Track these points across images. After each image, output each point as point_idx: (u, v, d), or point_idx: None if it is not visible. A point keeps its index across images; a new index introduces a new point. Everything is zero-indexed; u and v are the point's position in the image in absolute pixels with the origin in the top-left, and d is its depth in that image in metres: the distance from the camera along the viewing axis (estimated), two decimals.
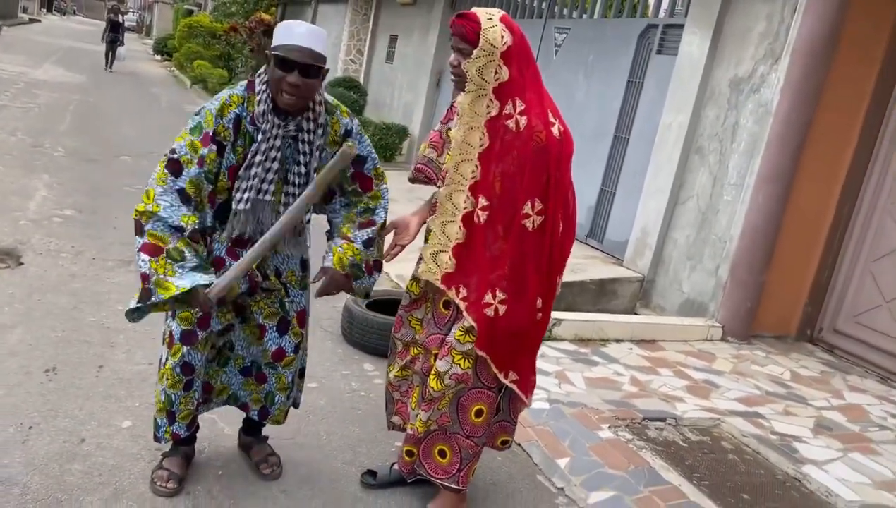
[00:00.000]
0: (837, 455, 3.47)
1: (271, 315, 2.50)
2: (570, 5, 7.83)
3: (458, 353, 2.34)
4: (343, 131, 2.42)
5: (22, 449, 2.55)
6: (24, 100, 10.70)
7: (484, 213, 2.26)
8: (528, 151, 2.23)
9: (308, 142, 2.32)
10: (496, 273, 2.27)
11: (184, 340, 2.36)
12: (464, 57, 2.24)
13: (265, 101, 2.24)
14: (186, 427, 2.49)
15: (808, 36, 4.59)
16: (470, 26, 2.20)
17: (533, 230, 2.26)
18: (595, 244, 6.52)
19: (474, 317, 2.28)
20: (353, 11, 14.09)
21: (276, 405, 2.63)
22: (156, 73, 20.86)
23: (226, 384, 2.62)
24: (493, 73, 2.21)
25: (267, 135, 2.25)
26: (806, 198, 4.97)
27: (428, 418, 2.42)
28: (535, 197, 2.24)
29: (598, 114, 6.71)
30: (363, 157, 2.45)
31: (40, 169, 6.72)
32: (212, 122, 2.23)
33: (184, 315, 2.34)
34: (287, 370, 2.58)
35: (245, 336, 2.53)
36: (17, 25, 30.97)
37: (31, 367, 3.13)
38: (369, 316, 3.98)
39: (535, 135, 2.22)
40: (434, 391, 2.38)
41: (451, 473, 2.48)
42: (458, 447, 2.46)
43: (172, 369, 2.38)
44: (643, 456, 3.15)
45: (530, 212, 2.25)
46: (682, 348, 4.72)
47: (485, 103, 2.23)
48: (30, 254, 4.49)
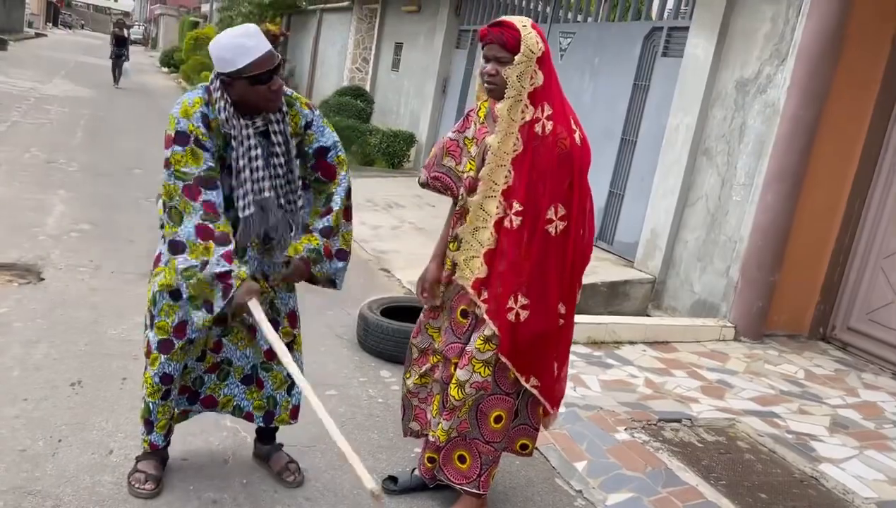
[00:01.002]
0: (853, 452, 3.49)
1: None
2: (573, 9, 7.88)
3: (479, 362, 2.38)
4: (304, 123, 2.46)
5: (53, 462, 2.61)
6: (36, 116, 10.83)
7: (518, 218, 2.31)
8: (553, 157, 2.28)
9: (279, 132, 2.37)
10: (520, 278, 2.32)
11: (161, 349, 2.44)
12: (501, 65, 2.26)
13: (225, 109, 2.28)
14: (164, 437, 2.57)
15: (814, 36, 4.62)
16: (510, 33, 2.25)
17: (556, 235, 2.31)
18: (605, 246, 6.55)
19: (497, 323, 2.33)
20: (359, 20, 14.19)
21: (278, 404, 2.69)
22: (163, 85, 21.03)
23: (229, 396, 2.69)
24: (530, 78, 2.26)
25: (240, 138, 2.30)
26: (815, 196, 5.00)
27: (449, 426, 2.46)
28: (559, 202, 2.29)
29: (604, 116, 6.75)
30: (326, 147, 2.50)
31: (56, 184, 6.82)
32: (174, 126, 2.26)
33: (161, 324, 2.42)
34: (281, 367, 2.62)
35: (235, 343, 2.60)
36: (23, 40, 31.27)
37: (57, 381, 3.20)
38: (384, 324, 4.03)
39: (560, 142, 2.28)
40: (455, 400, 2.42)
41: (472, 478, 2.53)
42: (478, 452, 2.51)
43: (151, 377, 2.47)
44: (660, 457, 3.18)
45: (553, 217, 2.30)
46: (695, 349, 4.74)
47: (520, 109, 2.28)
48: (50, 269, 4.57)
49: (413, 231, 7.01)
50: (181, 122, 2.25)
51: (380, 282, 5.42)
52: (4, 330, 3.63)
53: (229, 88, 2.26)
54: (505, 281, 2.33)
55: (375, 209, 7.69)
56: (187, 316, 2.40)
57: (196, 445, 2.85)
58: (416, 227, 7.14)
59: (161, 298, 2.41)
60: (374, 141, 10.21)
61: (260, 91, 2.25)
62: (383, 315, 4.15)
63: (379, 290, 5.11)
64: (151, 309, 2.45)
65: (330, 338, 4.20)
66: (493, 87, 2.31)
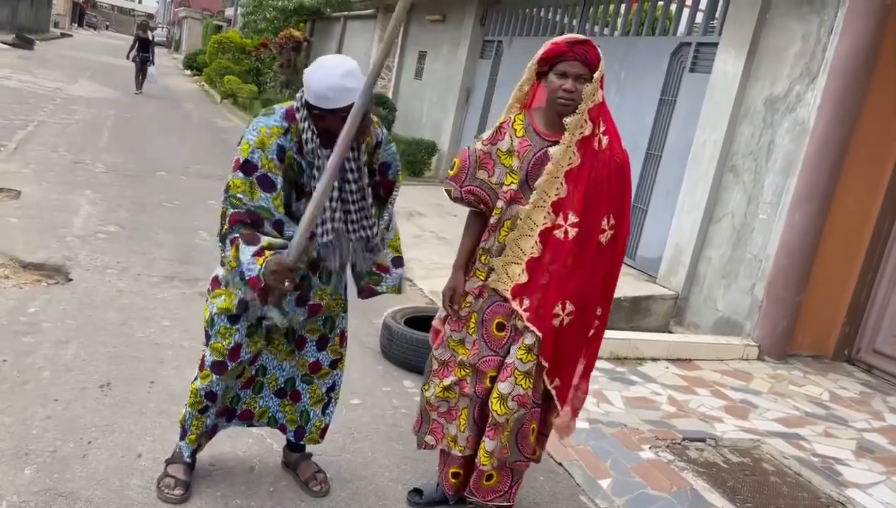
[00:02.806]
0: (881, 478, 3.45)
1: (313, 330, 2.59)
2: (601, 23, 7.88)
3: (521, 374, 2.39)
4: (375, 142, 2.47)
5: (82, 464, 2.64)
6: (62, 116, 10.97)
7: (574, 230, 2.34)
8: (610, 169, 2.36)
9: (353, 159, 2.35)
10: (567, 288, 2.36)
11: (214, 369, 2.46)
12: (581, 82, 2.31)
13: (312, 139, 2.27)
14: (191, 451, 2.59)
15: (846, 55, 4.60)
16: (593, 52, 2.31)
17: (605, 244, 2.39)
18: (628, 261, 6.51)
19: (539, 327, 2.36)
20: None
21: (311, 421, 2.70)
22: (186, 88, 21.25)
23: (265, 408, 2.71)
24: (592, 95, 2.32)
25: (322, 170, 2.27)
26: (844, 216, 4.95)
27: (493, 448, 2.45)
28: (612, 213, 2.38)
29: (630, 130, 6.72)
30: (388, 163, 2.54)
31: (83, 185, 6.90)
32: (247, 154, 2.25)
33: (216, 346, 2.44)
34: (322, 381, 2.66)
35: (274, 355, 2.62)
36: (49, 40, 31.72)
37: (87, 383, 3.23)
38: (408, 334, 4.04)
39: (615, 155, 2.38)
40: (498, 415, 2.42)
41: (503, 491, 2.55)
42: (510, 469, 2.53)
43: (198, 390, 2.50)
44: (685, 477, 3.16)
45: (606, 227, 2.38)
46: (719, 367, 4.71)
47: (581, 123, 2.34)
48: (78, 270, 4.62)
49: (434, 240, 7.01)
50: (255, 154, 2.24)
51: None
52: (34, 329, 3.67)
53: (318, 120, 2.25)
54: (551, 290, 2.36)
55: (396, 217, 7.70)
56: (242, 339, 2.43)
57: (224, 451, 2.86)
58: (438, 236, 7.15)
59: (219, 320, 2.43)
60: (396, 149, 10.24)
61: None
62: (407, 324, 4.16)
63: (401, 299, 5.09)
64: (208, 330, 2.47)
65: (354, 347, 4.18)
66: (569, 103, 2.33)
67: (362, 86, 2.16)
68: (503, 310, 2.44)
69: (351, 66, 2.22)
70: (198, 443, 2.60)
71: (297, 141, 2.30)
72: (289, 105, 2.34)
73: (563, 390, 2.50)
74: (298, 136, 2.29)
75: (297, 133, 2.29)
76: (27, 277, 4.36)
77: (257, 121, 2.31)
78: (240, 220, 2.25)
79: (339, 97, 2.17)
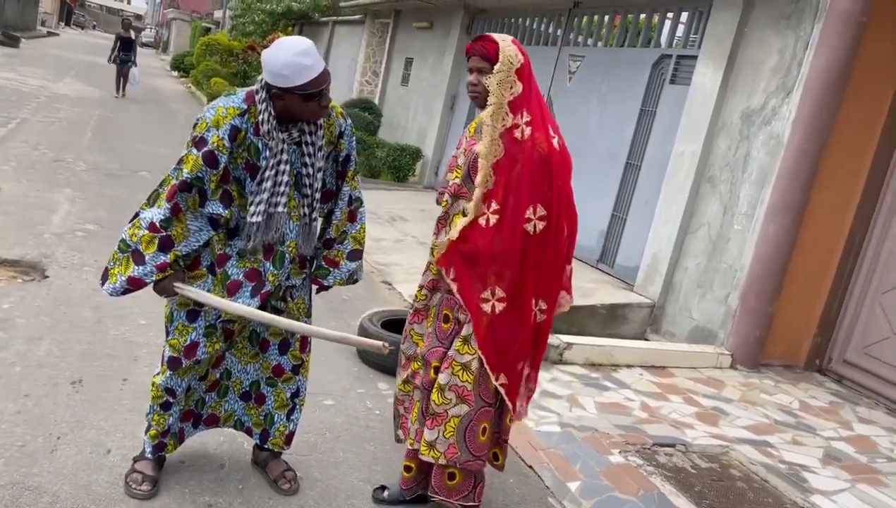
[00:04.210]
0: (846, 485, 3.51)
1: (275, 334, 2.63)
2: (584, 33, 7.96)
3: (458, 364, 2.46)
4: (338, 131, 2.53)
5: (51, 459, 2.63)
6: (45, 115, 10.91)
7: (494, 217, 2.40)
8: (532, 160, 2.39)
9: (311, 143, 2.42)
10: (496, 273, 2.41)
11: (170, 365, 2.50)
12: (483, 75, 2.43)
13: (268, 120, 2.32)
14: (153, 448, 2.58)
15: (821, 70, 4.69)
16: (491, 46, 2.42)
17: (535, 234, 2.41)
18: (606, 269, 6.59)
19: (469, 306, 2.42)
20: (370, 33, 14.32)
21: (275, 426, 2.72)
22: (173, 90, 21.17)
23: (230, 411, 2.74)
24: (510, 87, 2.40)
25: (275, 151, 2.35)
26: (816, 229, 5.04)
27: (434, 440, 2.48)
28: (538, 203, 2.40)
29: (610, 140, 6.81)
30: (350, 155, 2.60)
31: (63, 183, 6.87)
32: (201, 131, 2.30)
33: (172, 342, 2.47)
34: (286, 385, 2.70)
35: (238, 358, 2.65)
36: (35, 38, 31.51)
37: (59, 378, 3.22)
38: (384, 336, 4.05)
39: (538, 146, 2.40)
40: (436, 405, 2.49)
41: (465, 492, 2.56)
42: (469, 470, 2.55)
43: (158, 385, 2.53)
44: (653, 482, 3.20)
45: (532, 216, 2.40)
46: (692, 375, 4.77)
47: (502, 116, 2.41)
48: (55, 267, 4.60)
49: (416, 244, 7.04)
50: (210, 132, 2.28)
51: (381, 295, 5.45)
52: (7, 325, 3.66)
53: (277, 100, 2.29)
54: (479, 273, 2.42)
55: (379, 221, 7.73)
56: (199, 338, 2.46)
57: (194, 448, 2.86)
58: (419, 241, 7.18)
59: (177, 317, 2.47)
60: (381, 154, 10.29)
61: (310, 106, 2.30)
62: (384, 327, 4.18)
63: (380, 302, 5.14)
64: (168, 325, 2.50)
65: (330, 349, 4.21)
66: (475, 95, 2.48)
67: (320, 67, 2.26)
68: (450, 303, 2.52)
69: (306, 45, 2.27)
70: (160, 442, 2.59)
71: (256, 123, 2.33)
72: (251, 88, 2.38)
73: (512, 388, 2.51)
74: (256, 118, 2.33)
75: (255, 115, 2.33)
76: (2, 274, 4.34)
77: (217, 101, 2.35)
78: (172, 192, 2.29)
79: (296, 75, 2.22)
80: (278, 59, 2.23)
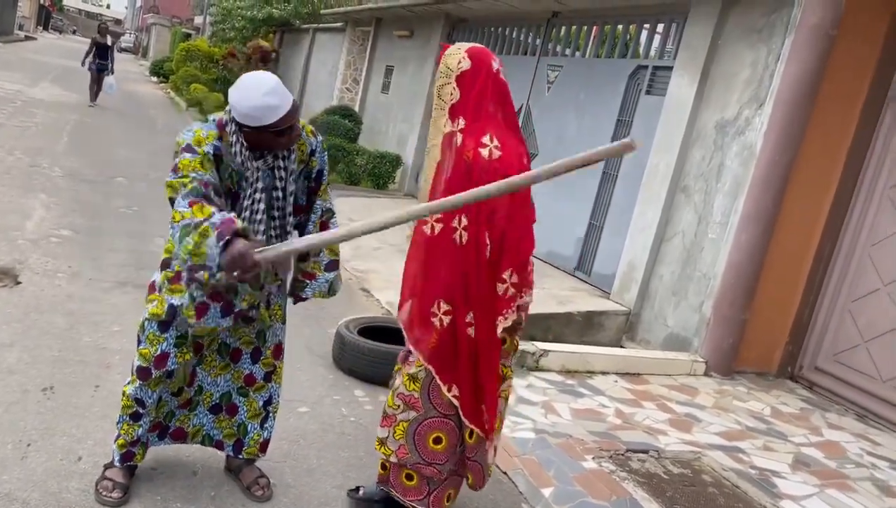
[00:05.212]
0: (814, 490, 3.56)
1: (247, 342, 2.64)
2: (563, 43, 8.04)
3: (406, 374, 2.51)
4: (310, 150, 2.55)
5: (21, 466, 2.61)
6: (21, 119, 10.78)
7: (439, 225, 2.40)
8: (458, 168, 2.38)
9: (283, 168, 2.45)
10: (439, 285, 2.40)
11: (139, 374, 2.49)
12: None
13: (241, 152, 2.34)
14: (121, 456, 2.56)
15: (792, 82, 4.78)
16: (441, 53, 2.49)
17: (461, 245, 2.37)
18: (583, 276, 6.64)
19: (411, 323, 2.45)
20: (351, 41, 14.34)
21: (249, 435, 2.72)
22: (152, 95, 21.01)
23: (198, 426, 2.72)
24: (450, 93, 2.42)
25: (251, 180, 2.38)
26: (788, 238, 5.12)
27: (385, 437, 2.55)
28: (462, 213, 2.35)
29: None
30: (322, 170, 2.62)
31: (38, 188, 6.80)
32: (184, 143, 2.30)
33: (143, 351, 2.47)
34: (258, 394, 2.70)
35: (208, 371, 2.64)
36: (13, 43, 31.14)
37: (29, 385, 3.19)
38: (360, 343, 4.06)
39: (465, 153, 2.37)
40: (387, 406, 2.56)
41: (421, 497, 2.58)
42: (422, 474, 2.56)
43: (129, 394, 2.52)
44: (626, 487, 3.23)
45: (457, 226, 2.37)
46: (666, 382, 4.82)
47: (443, 121, 2.44)
48: (27, 273, 4.55)
49: (395, 252, 7.05)
50: (196, 147, 2.28)
51: (359, 302, 5.45)
52: None
53: (248, 134, 2.31)
54: (427, 286, 2.43)
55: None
56: (170, 348, 2.44)
57: (166, 455, 2.85)
58: (399, 249, 7.18)
59: (149, 326, 2.46)
60: (361, 161, 10.29)
61: (281, 140, 2.34)
62: (361, 334, 4.18)
63: (358, 310, 5.14)
64: (140, 335, 2.49)
65: (306, 356, 4.22)
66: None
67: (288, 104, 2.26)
68: None
69: (272, 84, 2.25)
70: (129, 451, 2.58)
71: (231, 151, 2.36)
72: (220, 115, 2.39)
73: (466, 401, 2.43)
74: (230, 146, 2.35)
75: (228, 144, 2.35)
76: None
77: (194, 124, 2.38)
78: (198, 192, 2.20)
79: (264, 116, 2.24)
80: (246, 102, 2.23)
